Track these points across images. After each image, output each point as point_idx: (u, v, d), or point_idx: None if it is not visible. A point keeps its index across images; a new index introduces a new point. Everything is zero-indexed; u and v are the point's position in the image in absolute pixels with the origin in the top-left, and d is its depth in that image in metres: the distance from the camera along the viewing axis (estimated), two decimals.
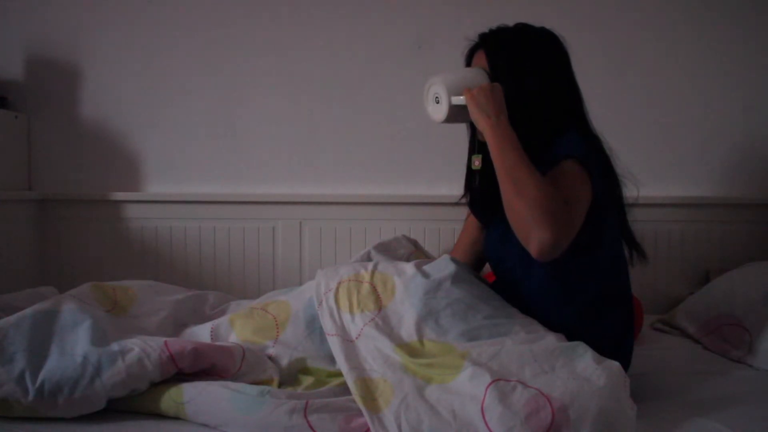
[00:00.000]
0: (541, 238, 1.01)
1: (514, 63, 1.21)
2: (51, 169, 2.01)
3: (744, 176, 2.15)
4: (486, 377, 1.00)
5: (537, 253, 1.03)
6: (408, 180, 2.07)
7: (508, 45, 1.23)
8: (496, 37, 1.24)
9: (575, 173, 1.12)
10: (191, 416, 1.07)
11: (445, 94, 1.20)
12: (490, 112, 1.13)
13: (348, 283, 1.23)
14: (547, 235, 1.01)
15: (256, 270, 2.03)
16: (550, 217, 1.01)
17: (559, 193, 1.06)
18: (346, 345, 1.15)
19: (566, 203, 1.05)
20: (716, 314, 1.65)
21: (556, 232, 1.01)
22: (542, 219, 1.01)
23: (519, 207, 1.05)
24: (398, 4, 2.04)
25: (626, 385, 1.02)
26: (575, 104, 1.25)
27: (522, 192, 1.05)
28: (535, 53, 1.22)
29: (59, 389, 1.04)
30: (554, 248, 1.02)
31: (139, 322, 1.31)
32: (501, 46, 1.23)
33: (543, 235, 1.01)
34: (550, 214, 1.01)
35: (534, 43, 1.23)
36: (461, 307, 1.16)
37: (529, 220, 1.02)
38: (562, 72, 1.24)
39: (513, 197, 1.06)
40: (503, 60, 1.22)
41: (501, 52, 1.22)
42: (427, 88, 1.25)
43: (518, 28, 1.25)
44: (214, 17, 2.02)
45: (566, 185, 1.09)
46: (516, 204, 1.05)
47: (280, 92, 2.05)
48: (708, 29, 2.11)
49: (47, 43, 1.99)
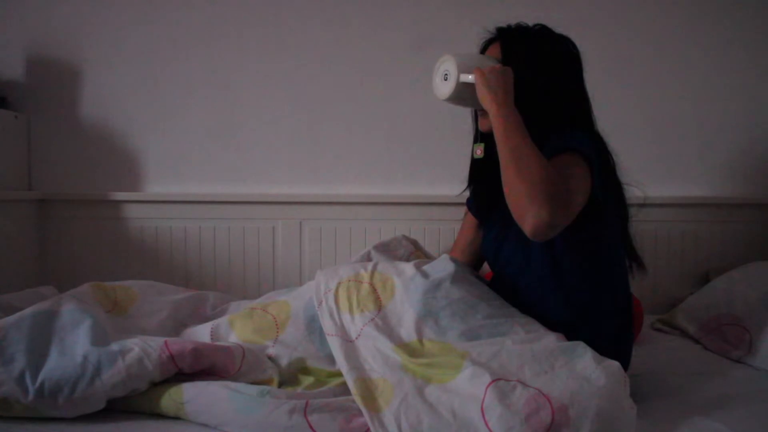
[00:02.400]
0: (538, 215, 1.00)
1: (526, 57, 1.22)
2: (51, 169, 2.01)
3: (744, 176, 2.15)
4: (486, 377, 1.00)
5: (532, 230, 1.01)
6: (408, 180, 2.07)
7: (525, 41, 1.24)
8: (513, 32, 1.26)
9: (577, 165, 1.11)
10: (191, 416, 1.07)
11: (455, 70, 1.20)
12: (498, 92, 1.13)
13: (347, 283, 1.23)
14: (544, 213, 0.99)
15: (256, 270, 2.03)
16: (549, 196, 1.00)
17: (561, 177, 1.05)
18: (345, 345, 1.15)
19: (566, 188, 1.05)
20: (716, 314, 1.65)
21: (553, 212, 1.00)
22: (542, 198, 1.00)
23: (520, 185, 1.03)
24: (398, 4, 2.04)
25: (626, 385, 1.02)
26: (583, 110, 1.26)
27: (524, 171, 1.04)
28: (549, 53, 1.23)
29: (59, 389, 1.04)
30: (550, 227, 1.01)
31: (140, 322, 1.31)
32: (517, 41, 1.24)
33: (541, 212, 1.00)
34: (550, 194, 1.00)
35: (550, 43, 1.24)
36: (461, 306, 1.16)
37: (529, 198, 1.01)
38: (572, 77, 1.25)
39: (514, 175, 1.05)
40: (517, 53, 1.22)
41: (516, 45, 1.23)
42: (439, 63, 1.26)
43: (537, 28, 1.26)
44: (214, 18, 2.02)
45: (567, 174, 1.09)
46: (517, 182, 1.04)
47: (280, 92, 2.05)
48: (708, 29, 2.11)
49: (47, 43, 1.99)
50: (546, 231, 1.01)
